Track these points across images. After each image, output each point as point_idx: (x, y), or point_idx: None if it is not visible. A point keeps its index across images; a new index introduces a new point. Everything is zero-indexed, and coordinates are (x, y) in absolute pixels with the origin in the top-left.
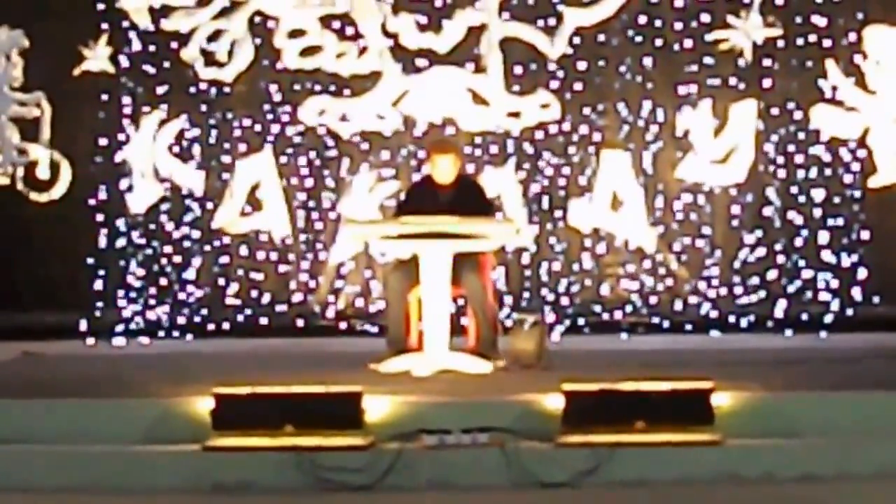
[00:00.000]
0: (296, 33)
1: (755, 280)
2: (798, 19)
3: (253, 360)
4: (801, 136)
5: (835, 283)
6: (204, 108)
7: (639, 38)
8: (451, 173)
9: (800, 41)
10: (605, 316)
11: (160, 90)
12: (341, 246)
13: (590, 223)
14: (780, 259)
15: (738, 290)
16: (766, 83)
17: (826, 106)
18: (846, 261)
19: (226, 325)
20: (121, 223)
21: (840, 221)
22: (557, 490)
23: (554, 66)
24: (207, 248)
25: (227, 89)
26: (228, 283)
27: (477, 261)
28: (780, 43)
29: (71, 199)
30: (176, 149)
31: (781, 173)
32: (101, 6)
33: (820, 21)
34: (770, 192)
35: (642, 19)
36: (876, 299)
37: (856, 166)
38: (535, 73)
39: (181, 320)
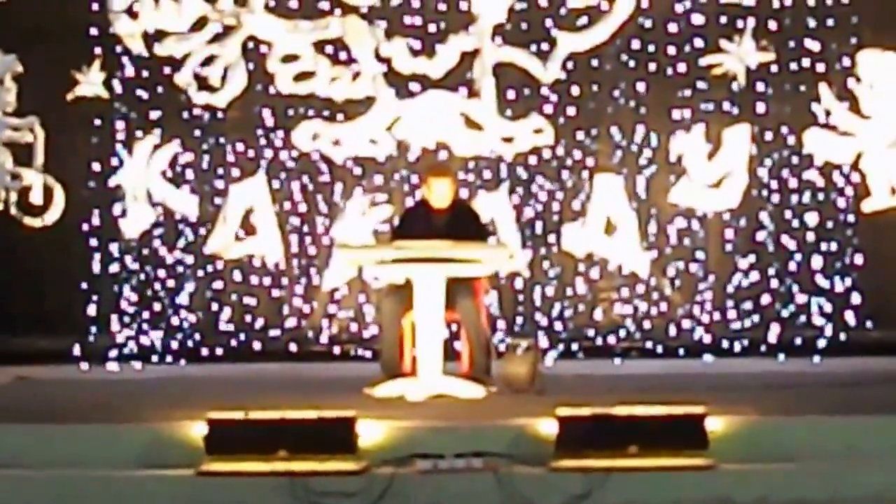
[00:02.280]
0: (289, 58)
1: (748, 305)
2: (791, 44)
3: (246, 384)
4: (795, 160)
5: (828, 308)
6: (197, 132)
7: (632, 63)
8: (447, 197)
9: (793, 66)
10: (599, 341)
11: (154, 115)
12: (335, 271)
13: (583, 248)
14: (774, 283)
15: (732, 314)
16: (760, 108)
17: (819, 130)
18: (840, 285)
19: (219, 350)
20: (114, 248)
21: (833, 246)
22: None
23: (547, 91)
24: (201, 272)
25: (220, 114)
26: (222, 308)
27: (471, 285)
28: (774, 67)
29: (64, 224)
30: (169, 174)
31: (775, 198)
32: (94, 31)
33: (813, 45)
34: (763, 216)
35: (636, 44)
36: (869, 324)
37: (849, 191)
38: (528, 97)
39: (175, 345)
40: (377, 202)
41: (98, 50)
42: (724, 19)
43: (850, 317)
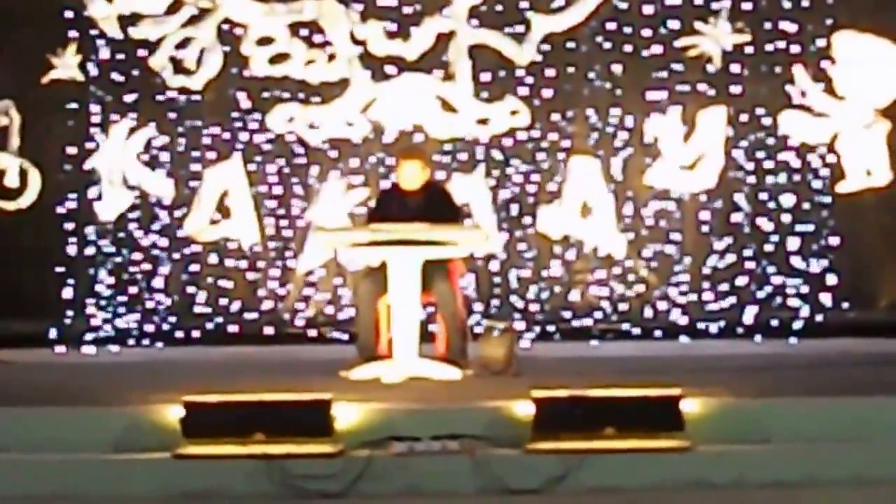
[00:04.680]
0: (264, 41)
1: (725, 286)
2: (767, 25)
3: (223, 367)
4: (771, 141)
5: (804, 289)
6: (173, 115)
7: (608, 45)
8: (417, 179)
9: (769, 47)
10: (575, 322)
11: (129, 98)
12: (311, 253)
13: (559, 230)
14: (750, 265)
15: (708, 296)
16: (735, 89)
17: (795, 111)
18: (816, 266)
19: (195, 333)
20: (90, 231)
21: (809, 227)
22: (527, 497)
23: (523, 73)
24: (177, 255)
25: (195, 97)
26: (198, 291)
27: (446, 268)
28: (749, 49)
29: (40, 207)
30: (145, 157)
31: (751, 179)
32: (69, 14)
33: (789, 27)
34: (739, 198)
35: (611, 26)
36: (845, 305)
37: (825, 172)
38: (503, 79)
39: (150, 328)
40: (353, 185)
41: (73, 33)
42: (699, 1)
43: (825, 298)
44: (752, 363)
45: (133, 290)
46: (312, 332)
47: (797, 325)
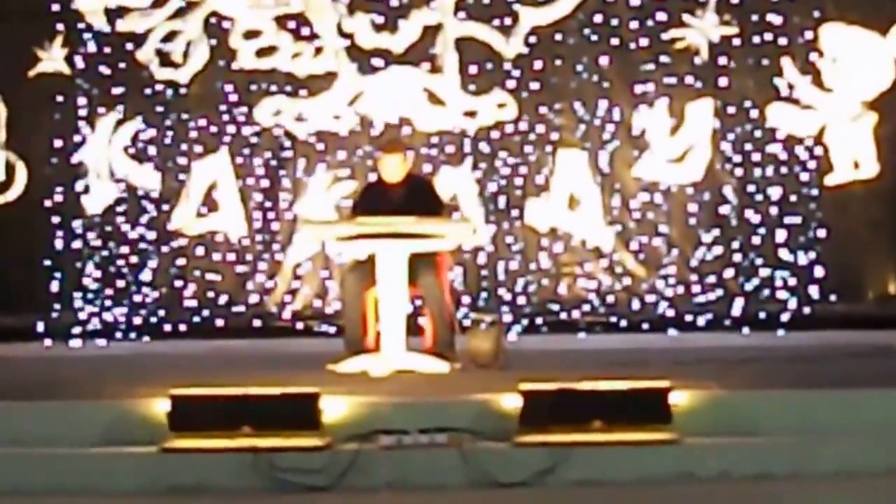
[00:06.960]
0: (251, 34)
1: (712, 278)
2: (754, 18)
3: (210, 361)
4: (758, 134)
5: (792, 282)
6: (160, 108)
7: (595, 37)
8: (398, 172)
9: (756, 39)
10: (563, 315)
11: (116, 91)
12: (298, 246)
13: (547, 222)
14: (738, 257)
15: (696, 288)
16: (723, 82)
17: (782, 104)
18: (803, 259)
19: (182, 327)
20: (77, 224)
21: (797, 219)
22: (515, 490)
23: (510, 66)
24: (164, 249)
25: (182, 90)
26: (185, 284)
27: (434, 261)
28: (737, 41)
29: (27, 200)
30: (132, 150)
31: (738, 172)
32: (56, 7)
33: (776, 19)
34: (727, 190)
35: (598, 18)
36: (833, 297)
37: (812, 164)
38: (491, 72)
39: (138, 321)
40: (340, 177)
41: (60, 26)
42: None
43: (813, 290)
44: (740, 355)
45: (120, 283)
46: (300, 326)
47: (785, 317)
